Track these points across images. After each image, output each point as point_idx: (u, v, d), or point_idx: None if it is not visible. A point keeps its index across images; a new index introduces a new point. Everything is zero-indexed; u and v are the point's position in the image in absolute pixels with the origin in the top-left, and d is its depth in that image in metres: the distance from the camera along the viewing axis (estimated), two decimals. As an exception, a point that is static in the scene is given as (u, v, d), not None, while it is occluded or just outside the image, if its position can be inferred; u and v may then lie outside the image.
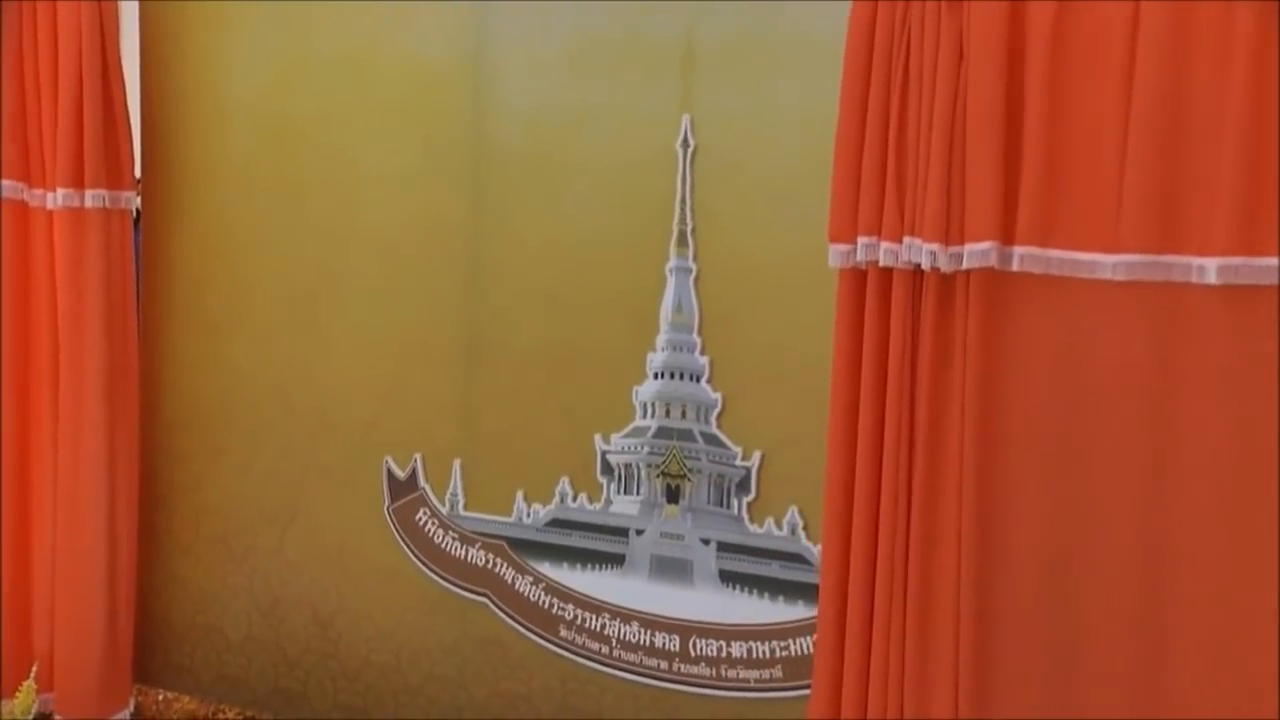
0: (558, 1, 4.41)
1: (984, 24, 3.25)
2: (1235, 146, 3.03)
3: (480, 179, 4.50)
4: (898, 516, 3.48)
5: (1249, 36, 3.01)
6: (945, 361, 3.41)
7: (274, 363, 4.89)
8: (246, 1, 4.88)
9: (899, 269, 3.42)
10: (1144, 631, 3.32)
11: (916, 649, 3.46)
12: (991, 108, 3.26)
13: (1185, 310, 3.19)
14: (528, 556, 4.49)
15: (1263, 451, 3.14)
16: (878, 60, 3.39)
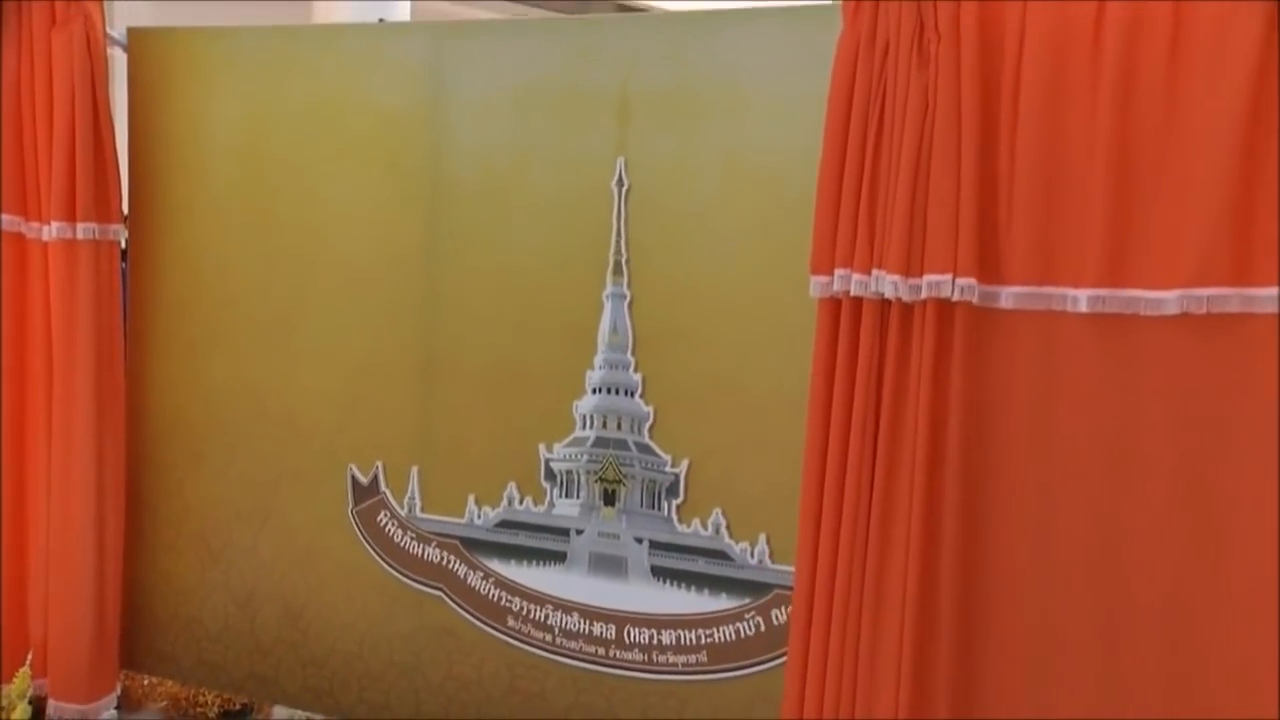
0: (505, 54, 4.43)
1: (949, 78, 3.29)
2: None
3: (435, 213, 4.49)
4: (858, 524, 3.49)
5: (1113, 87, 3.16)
6: (903, 383, 3.42)
7: (248, 378, 4.85)
8: (224, 53, 4.87)
9: (868, 299, 3.43)
10: (1074, 628, 3.39)
11: (868, 650, 3.47)
12: (951, 153, 3.29)
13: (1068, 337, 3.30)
14: (479, 554, 4.46)
15: (1195, 463, 3.22)
16: (855, 110, 3.42)
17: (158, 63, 4.93)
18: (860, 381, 3.45)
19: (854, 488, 3.48)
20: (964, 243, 3.31)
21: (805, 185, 3.79)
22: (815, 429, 3.54)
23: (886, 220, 3.37)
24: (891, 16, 3.35)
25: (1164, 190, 3.21)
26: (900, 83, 3.35)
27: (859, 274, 3.41)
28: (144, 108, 4.95)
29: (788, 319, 3.91)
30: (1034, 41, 3.28)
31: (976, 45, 3.28)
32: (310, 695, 4.80)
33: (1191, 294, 3.17)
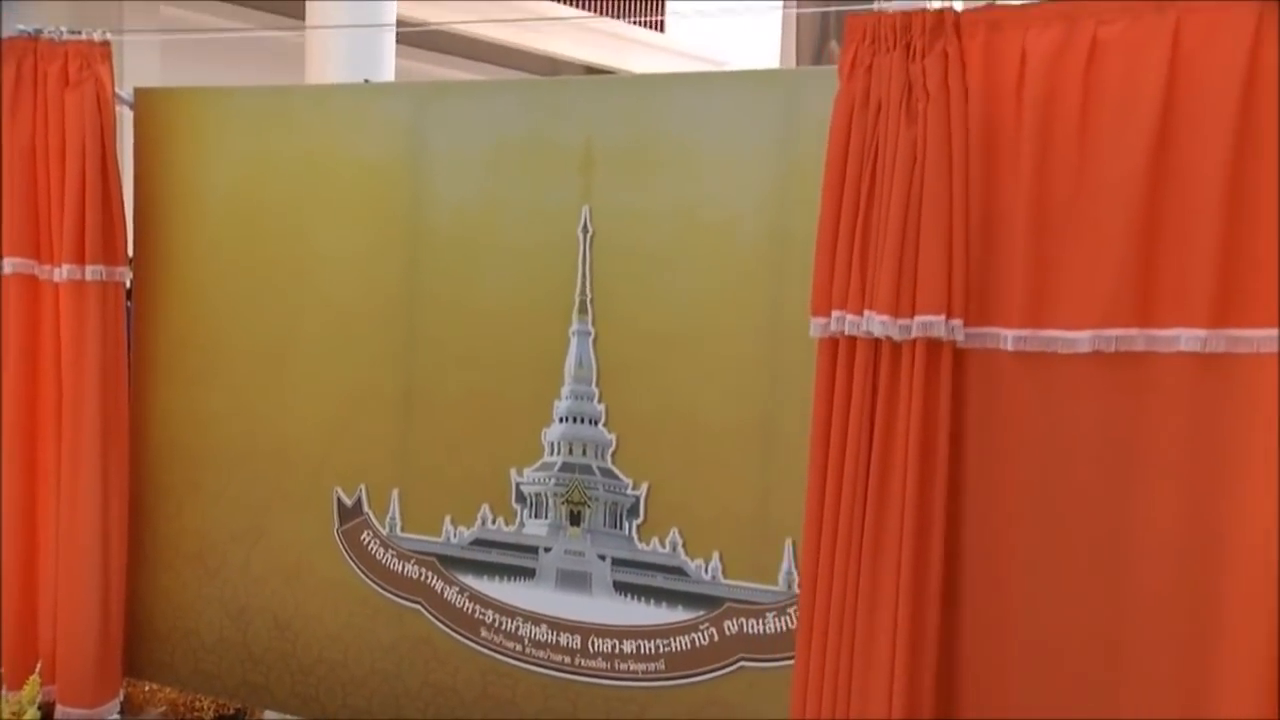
0: (480, 112, 4.43)
1: (939, 133, 3.29)
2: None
3: (415, 257, 4.45)
4: (852, 540, 3.45)
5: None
6: (893, 414, 3.38)
7: (242, 409, 4.78)
8: (222, 111, 4.84)
9: (861, 338, 3.40)
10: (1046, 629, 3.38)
11: (863, 655, 3.42)
12: (939, 202, 3.29)
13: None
14: (454, 570, 4.40)
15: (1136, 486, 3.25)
16: (851, 163, 3.41)
17: (161, 119, 4.90)
18: (855, 413, 3.42)
19: (848, 509, 3.44)
20: (953, 287, 3.32)
21: (753, 232, 3.91)
22: (816, 456, 3.51)
23: (877, 265, 3.35)
24: (883, 77, 3.36)
25: (1079, 240, 3.24)
26: (891, 138, 3.35)
27: (852, 315, 3.38)
28: (148, 160, 4.91)
29: (739, 354, 3.93)
30: (977, 102, 3.33)
31: (962, 105, 3.30)
32: (298, 701, 4.72)
33: (1101, 334, 3.22)
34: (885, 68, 3.35)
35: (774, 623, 3.88)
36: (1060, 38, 3.23)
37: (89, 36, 4.63)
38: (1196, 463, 3.19)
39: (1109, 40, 3.19)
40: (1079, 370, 3.27)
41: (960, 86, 3.30)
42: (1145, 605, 3.25)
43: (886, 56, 3.34)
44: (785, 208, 3.88)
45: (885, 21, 3.36)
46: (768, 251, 3.91)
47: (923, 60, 3.30)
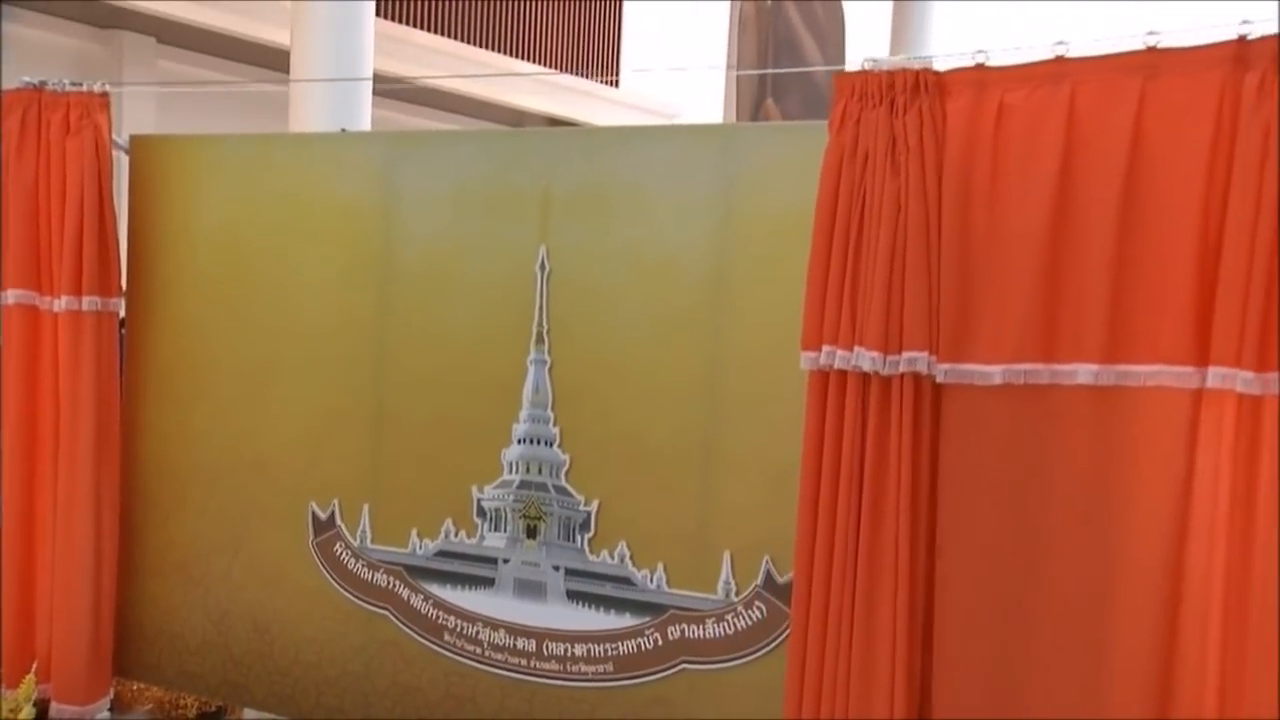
0: (447, 159, 4.42)
1: (922, 182, 3.26)
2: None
3: (385, 290, 4.40)
4: (847, 559, 3.38)
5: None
6: (883, 441, 3.33)
7: (225, 428, 4.71)
8: (210, 156, 4.80)
9: (851, 372, 3.34)
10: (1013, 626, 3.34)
11: (861, 662, 3.35)
12: (919, 247, 3.27)
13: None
14: (420, 579, 4.33)
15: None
16: (840, 210, 3.36)
17: (154, 163, 4.85)
18: (847, 440, 3.37)
19: (844, 527, 3.37)
20: (932, 325, 3.29)
21: (695, 270, 3.90)
22: (808, 480, 3.43)
23: (866, 304, 3.30)
24: (870, 131, 3.32)
25: (993, 284, 3.25)
26: (877, 187, 3.31)
27: (843, 350, 3.33)
28: (142, 200, 4.85)
29: (682, 381, 3.91)
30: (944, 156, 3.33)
31: (935, 158, 3.28)
32: (276, 699, 4.64)
33: (1011, 369, 3.23)
34: (871, 122, 3.31)
35: (713, 628, 3.83)
36: (973, 102, 3.26)
37: (89, 88, 4.60)
38: (1095, 483, 3.20)
39: (1014, 105, 3.22)
40: (1000, 401, 3.26)
41: (933, 141, 3.28)
42: (1055, 612, 3.24)
43: (873, 112, 3.31)
44: (724, 248, 3.85)
45: (871, 80, 3.32)
46: (708, 288, 3.87)
47: (904, 116, 3.28)
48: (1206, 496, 3.05)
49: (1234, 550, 2.99)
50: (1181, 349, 3.06)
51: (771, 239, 3.77)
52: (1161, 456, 3.12)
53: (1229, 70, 2.99)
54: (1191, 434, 3.08)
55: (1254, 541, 2.95)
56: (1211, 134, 3.02)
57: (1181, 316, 3.06)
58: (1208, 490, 3.05)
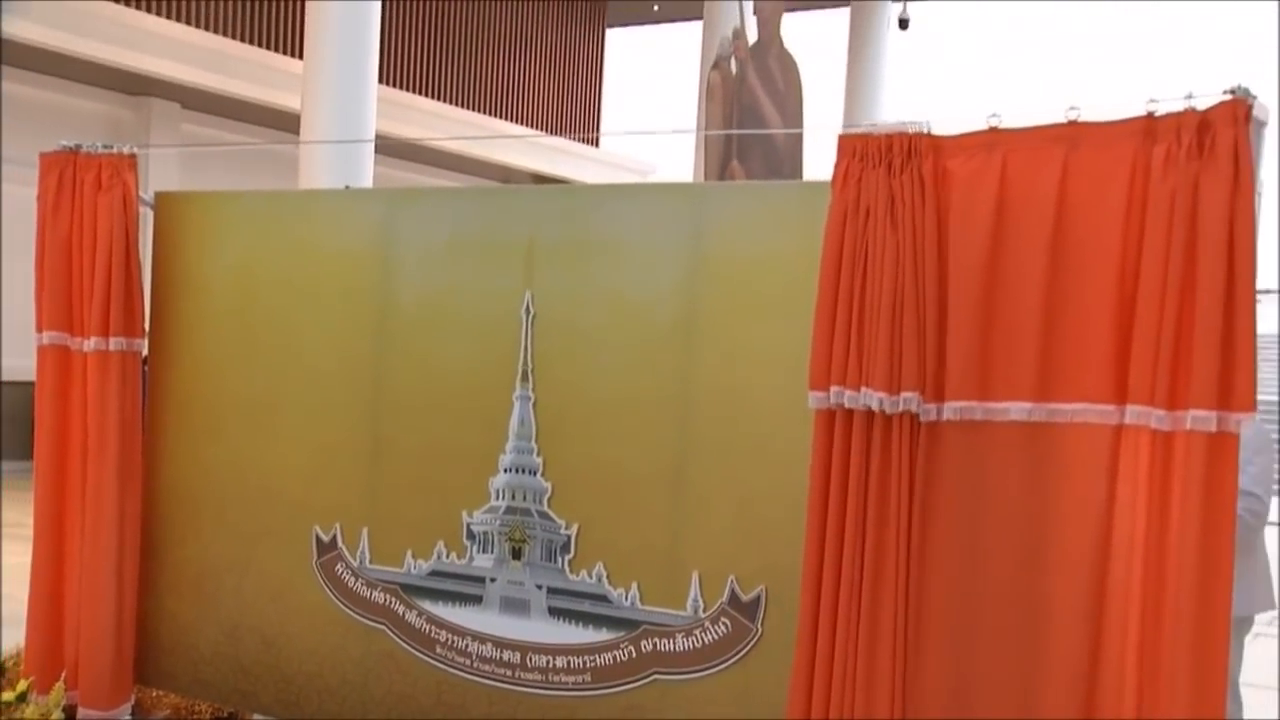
0: (442, 212, 4.41)
1: (914, 237, 3.21)
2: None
3: (384, 330, 4.37)
4: (853, 583, 3.31)
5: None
6: (885, 472, 3.26)
7: (237, 457, 4.67)
8: (226, 210, 4.81)
9: (858, 410, 3.26)
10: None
11: (865, 669, 3.28)
12: (915, 296, 3.21)
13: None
14: (414, 597, 4.27)
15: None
16: (845, 261, 3.29)
17: (176, 217, 4.84)
18: (854, 471, 3.28)
19: (851, 548, 3.29)
20: (923, 366, 3.24)
21: (667, 313, 3.89)
22: (815, 505, 3.35)
23: (872, 348, 3.24)
24: (870, 189, 3.26)
25: (950, 326, 3.24)
26: (879, 241, 3.25)
27: (850, 390, 3.25)
28: (164, 250, 4.84)
29: (654, 415, 3.88)
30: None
31: (923, 214, 3.22)
32: (282, 706, 4.58)
33: (952, 405, 3.23)
34: (872, 181, 3.26)
35: (682, 642, 3.79)
36: (933, 167, 3.24)
37: (119, 150, 4.61)
38: (1030, 509, 3.20)
39: (954, 170, 3.23)
40: (955, 436, 3.25)
41: (923, 199, 3.23)
42: (998, 623, 3.24)
43: (873, 171, 3.26)
44: (693, 295, 3.84)
45: (871, 141, 3.28)
46: (678, 330, 3.85)
47: (901, 176, 3.24)
48: (1126, 521, 3.06)
49: (1149, 568, 3.00)
50: (1103, 389, 3.08)
51: (736, 286, 3.77)
52: (1087, 485, 3.13)
53: (1140, 142, 3.03)
54: (1113, 465, 3.09)
55: (1167, 560, 2.97)
56: (1126, 198, 3.05)
57: (1103, 360, 3.08)
58: (1127, 515, 3.06)
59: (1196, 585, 2.93)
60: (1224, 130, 2.91)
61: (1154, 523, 3.00)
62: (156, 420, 4.83)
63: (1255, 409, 2.94)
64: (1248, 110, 2.91)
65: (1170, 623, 2.96)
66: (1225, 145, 2.91)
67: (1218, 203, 2.90)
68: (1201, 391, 2.91)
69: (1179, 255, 2.94)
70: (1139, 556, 3.03)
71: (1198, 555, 2.92)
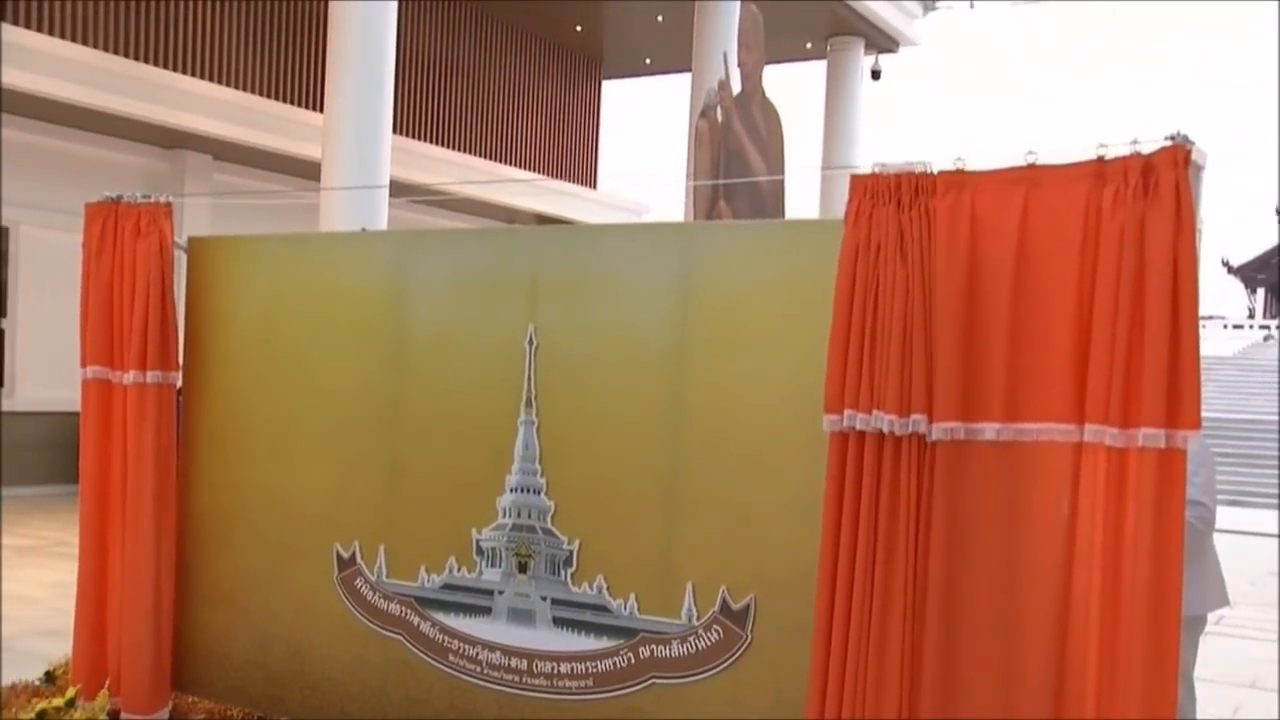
0: (451, 251, 4.42)
1: (921, 269, 3.17)
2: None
3: (399, 361, 4.34)
4: (867, 591, 3.26)
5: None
6: (895, 488, 3.21)
7: (265, 480, 4.64)
8: (253, 253, 4.81)
9: (869, 433, 3.22)
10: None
11: (875, 670, 3.23)
12: (920, 325, 3.18)
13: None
14: (428, 608, 4.23)
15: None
16: (857, 293, 3.24)
17: (208, 259, 4.83)
18: (866, 487, 3.24)
19: (863, 559, 3.24)
20: (935, 390, 3.19)
21: (659, 343, 3.87)
22: (830, 520, 3.29)
23: (884, 374, 3.20)
24: (881, 225, 3.22)
25: (925, 355, 3.20)
26: (889, 274, 3.21)
27: (862, 413, 3.21)
28: (197, 290, 4.83)
29: (649, 437, 3.86)
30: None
31: (945, 249, 3.18)
32: (308, 710, 4.53)
33: (941, 426, 3.18)
34: (882, 217, 3.22)
35: (678, 648, 3.75)
36: (922, 204, 3.22)
37: (155, 199, 4.63)
38: (1002, 520, 3.18)
39: (933, 207, 3.21)
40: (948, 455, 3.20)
41: (929, 233, 3.20)
42: (976, 624, 3.21)
43: (883, 209, 3.22)
44: (684, 325, 3.82)
45: (880, 181, 3.24)
46: (670, 359, 3.83)
47: (909, 211, 3.20)
48: (1086, 530, 3.06)
49: (1107, 572, 3.00)
50: (1065, 409, 3.08)
51: (723, 317, 3.75)
52: (1053, 498, 3.12)
53: (1091, 184, 3.04)
54: (1075, 479, 3.09)
55: (1122, 565, 2.97)
56: (1081, 234, 3.06)
57: (1064, 382, 3.08)
58: (1087, 525, 3.06)
59: (1149, 586, 2.93)
60: (1166, 173, 2.93)
61: (1110, 531, 3.00)
62: (190, 446, 4.80)
63: (1200, 426, 2.95)
64: (1187, 155, 2.93)
65: (1126, 621, 2.96)
66: (1168, 186, 2.93)
67: (1162, 238, 2.92)
68: (1151, 411, 2.91)
69: (1129, 286, 2.95)
70: (1098, 562, 3.02)
71: (1150, 559, 2.93)
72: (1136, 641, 2.94)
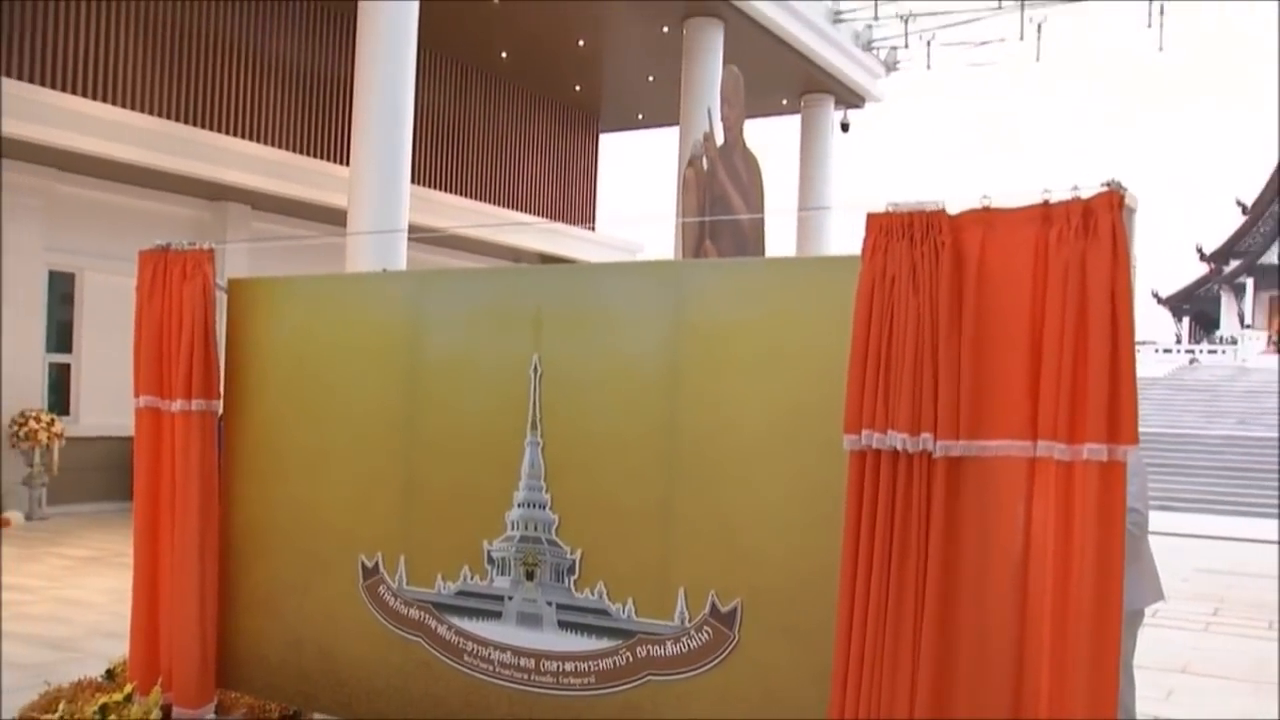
0: (464, 289, 4.41)
1: (932, 299, 3.11)
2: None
3: (416, 389, 4.31)
4: (886, 595, 3.18)
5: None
6: (909, 502, 3.14)
7: (297, 497, 4.60)
8: (286, 292, 4.79)
9: (885, 451, 3.14)
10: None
11: (888, 675, 3.16)
12: (931, 350, 3.11)
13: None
14: (444, 613, 4.18)
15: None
16: (874, 322, 3.17)
17: (246, 298, 4.83)
18: (882, 500, 3.16)
19: (879, 567, 3.16)
20: (940, 410, 3.12)
21: (653, 369, 3.84)
22: (850, 535, 3.20)
23: (898, 396, 3.13)
24: (895, 259, 3.16)
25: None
26: (903, 304, 3.14)
27: (878, 433, 3.14)
28: (236, 326, 4.82)
29: (645, 455, 3.81)
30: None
31: (948, 281, 3.11)
32: (337, 706, 4.48)
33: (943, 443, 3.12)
34: (897, 252, 3.15)
35: (671, 648, 3.69)
36: (933, 239, 3.15)
37: (200, 246, 4.66)
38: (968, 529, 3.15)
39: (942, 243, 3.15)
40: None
41: (938, 266, 3.13)
42: (953, 625, 3.14)
43: (898, 244, 3.16)
44: (675, 354, 3.79)
45: (895, 219, 3.17)
46: (664, 383, 3.80)
47: (921, 246, 3.13)
48: (1039, 536, 3.03)
49: (1058, 575, 2.97)
50: (1021, 428, 3.05)
51: (712, 345, 3.72)
52: (1013, 508, 3.09)
53: (1039, 225, 3.03)
54: (1029, 491, 3.06)
55: (1070, 567, 2.94)
56: (1031, 270, 3.05)
57: (1019, 403, 3.05)
58: (1040, 532, 3.03)
59: (1094, 586, 2.91)
60: (1103, 215, 2.93)
61: (1059, 537, 2.98)
62: (230, 466, 4.77)
63: (1138, 441, 2.93)
64: (1121, 199, 2.94)
65: (1073, 617, 2.94)
66: (1105, 227, 2.93)
67: (1101, 274, 2.92)
68: (1095, 428, 2.90)
69: (1073, 317, 2.94)
70: (1050, 565, 2.99)
71: (1095, 562, 2.91)
72: (1083, 634, 2.91)
